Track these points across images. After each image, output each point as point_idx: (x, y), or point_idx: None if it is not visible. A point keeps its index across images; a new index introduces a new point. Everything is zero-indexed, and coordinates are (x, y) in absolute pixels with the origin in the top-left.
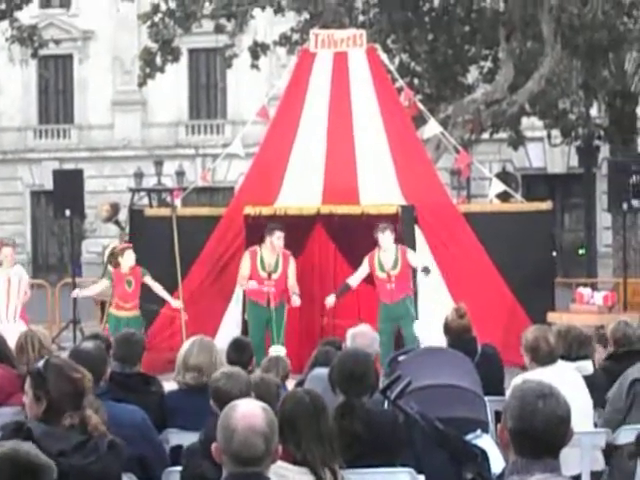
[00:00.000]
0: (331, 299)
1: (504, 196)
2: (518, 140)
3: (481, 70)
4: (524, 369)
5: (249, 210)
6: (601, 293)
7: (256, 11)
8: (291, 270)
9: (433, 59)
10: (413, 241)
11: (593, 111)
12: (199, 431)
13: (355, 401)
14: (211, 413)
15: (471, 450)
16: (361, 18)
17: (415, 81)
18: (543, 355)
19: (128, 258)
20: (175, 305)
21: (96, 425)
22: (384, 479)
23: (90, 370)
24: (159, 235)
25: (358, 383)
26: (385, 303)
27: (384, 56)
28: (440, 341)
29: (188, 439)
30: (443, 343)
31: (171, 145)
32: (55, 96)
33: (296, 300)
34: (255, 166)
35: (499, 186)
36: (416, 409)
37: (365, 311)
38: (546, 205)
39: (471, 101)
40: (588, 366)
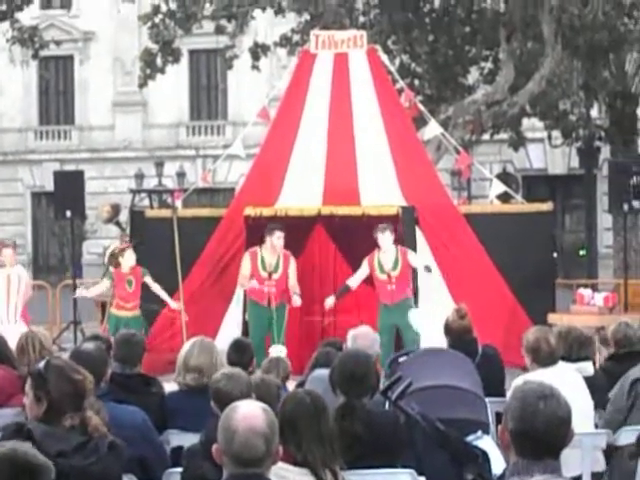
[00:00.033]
0: (330, 300)
1: (505, 197)
2: (519, 141)
3: (482, 71)
4: (525, 370)
5: (250, 211)
6: (602, 294)
7: (256, 12)
8: (292, 270)
9: (434, 60)
10: (414, 242)
11: (594, 112)
12: (199, 432)
13: (356, 402)
14: (212, 414)
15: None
16: (362, 19)
17: (416, 82)
18: (544, 356)
19: (128, 258)
20: (174, 306)
21: (96, 426)
22: None
23: (91, 371)
24: (160, 236)
25: (359, 384)
26: (385, 304)
27: (384, 57)
28: (441, 342)
29: (189, 440)
30: (444, 344)
31: (172, 146)
32: (56, 97)
33: (297, 300)
34: (256, 167)
35: (500, 187)
36: (417, 410)
37: (365, 312)
38: (547, 206)
39: (472, 102)
40: (589, 367)
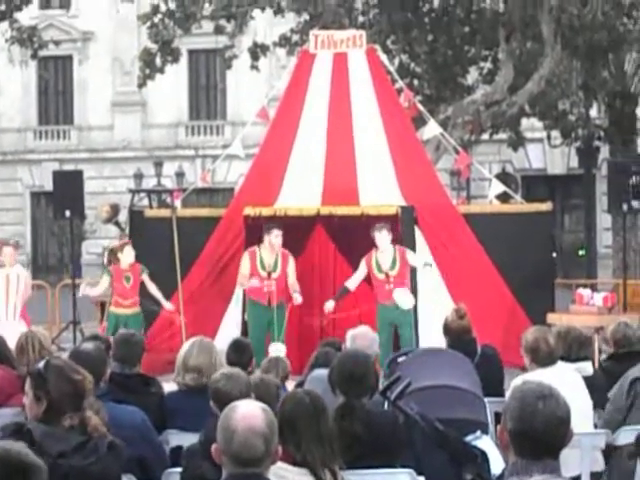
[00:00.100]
0: (330, 304)
1: (504, 197)
2: (518, 141)
3: (481, 71)
4: (524, 370)
5: (249, 211)
6: (601, 294)
7: (256, 12)
8: (290, 269)
9: (433, 60)
10: (413, 242)
11: (593, 112)
12: (199, 432)
13: (355, 402)
14: (211, 414)
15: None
16: (361, 19)
17: (415, 82)
18: (543, 356)
19: (127, 254)
20: (168, 307)
21: (96, 426)
22: None
23: (90, 371)
24: (159, 236)
25: (358, 384)
26: (383, 304)
27: (384, 57)
28: (440, 342)
29: (188, 440)
30: (443, 344)
31: (171, 146)
32: (55, 97)
33: (297, 298)
34: (255, 167)
35: (499, 187)
36: (416, 410)
37: (364, 312)
38: (546, 206)
39: (471, 102)
40: (588, 367)
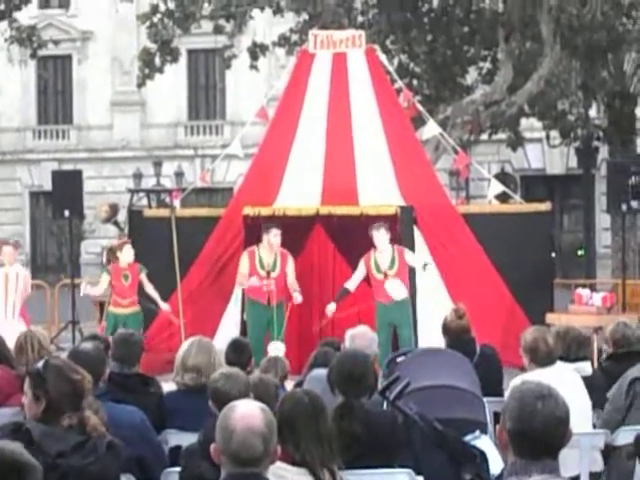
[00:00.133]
0: (332, 307)
1: (503, 197)
2: (517, 141)
3: (480, 71)
4: (523, 370)
5: (248, 211)
6: (600, 294)
7: (255, 12)
8: (290, 268)
9: (432, 60)
10: (412, 242)
11: (592, 112)
12: (198, 432)
13: (354, 402)
14: (210, 414)
15: (470, 451)
16: (360, 19)
17: (414, 82)
18: (542, 356)
19: (127, 253)
20: (164, 308)
21: (95, 426)
22: None
23: (89, 371)
24: (158, 236)
25: (357, 384)
26: (382, 304)
27: (383, 57)
28: (439, 342)
29: (187, 440)
30: (442, 344)
31: (170, 146)
32: (54, 97)
33: (298, 297)
34: (254, 167)
35: (498, 187)
36: (415, 410)
37: (363, 311)
38: (545, 206)
39: (470, 102)
40: (587, 367)
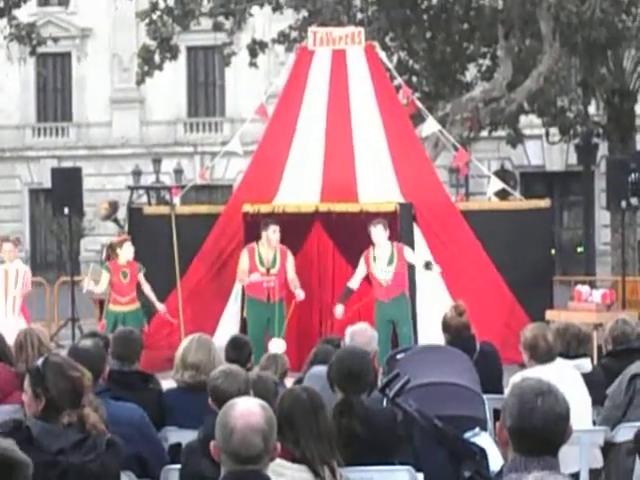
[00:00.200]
0: (340, 309)
1: (503, 194)
2: (517, 138)
3: (480, 68)
4: (523, 367)
5: (248, 208)
6: (599, 291)
7: (254, 9)
8: (289, 264)
9: (431, 57)
10: (411, 239)
11: (591, 109)
12: (197, 429)
13: (353, 399)
14: (210, 411)
15: (470, 448)
16: (359, 16)
17: (413, 79)
18: (542, 353)
19: (127, 250)
20: (160, 308)
21: (94, 423)
22: (383, 477)
23: (89, 368)
24: (158, 233)
25: (356, 381)
26: (381, 301)
27: (382, 54)
28: (438, 339)
29: (187, 437)
30: (442, 341)
31: (169, 143)
32: (53, 94)
33: (300, 294)
34: (254, 164)
35: (497, 184)
36: (415, 407)
37: (363, 308)
38: (545, 203)
39: (469, 99)
40: (586, 364)
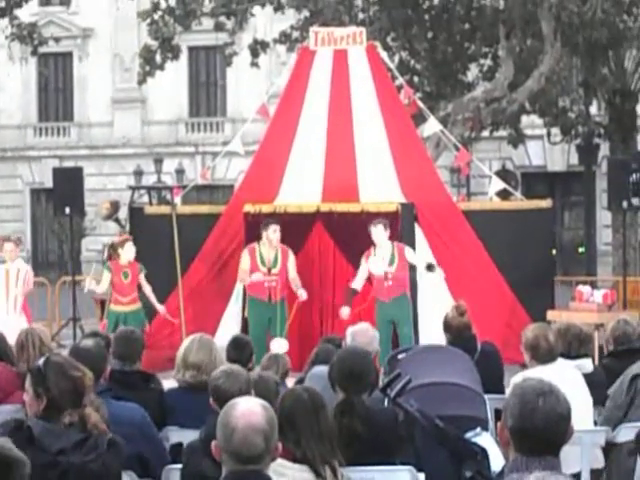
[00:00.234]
0: (346, 310)
1: (504, 194)
2: (518, 138)
3: (481, 68)
4: (524, 367)
5: (249, 208)
6: (601, 291)
7: (256, 9)
8: (291, 264)
9: (433, 57)
10: (413, 239)
11: (593, 109)
12: (198, 429)
13: (355, 399)
14: (211, 411)
15: (471, 448)
16: (361, 16)
17: (415, 79)
18: (543, 353)
19: (128, 250)
20: (160, 310)
21: (95, 423)
22: (384, 477)
23: (90, 368)
24: (159, 233)
25: (357, 381)
26: (382, 301)
27: (384, 54)
28: (440, 339)
29: (188, 437)
30: (443, 341)
31: (171, 143)
32: (55, 94)
33: (302, 294)
34: (255, 164)
35: (499, 184)
36: (416, 407)
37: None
38: (546, 203)
39: (471, 99)
40: (588, 364)
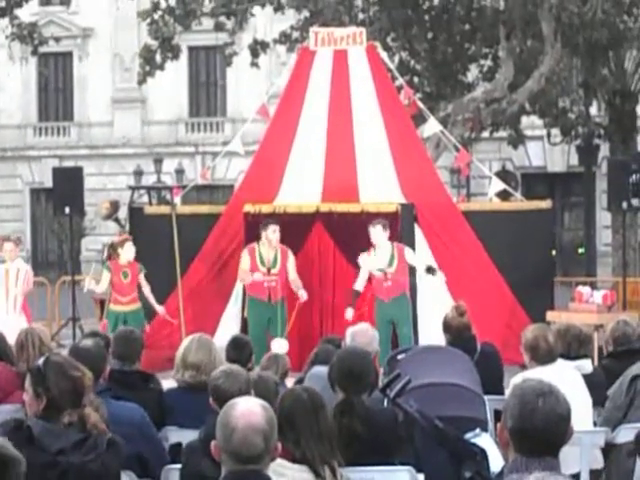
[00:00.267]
0: (350, 312)
1: (504, 195)
2: (518, 139)
3: (481, 68)
4: (524, 368)
5: (249, 208)
6: (600, 292)
7: (256, 9)
8: (290, 264)
9: (433, 57)
10: (412, 239)
11: (593, 110)
12: (198, 429)
13: (354, 399)
14: (211, 411)
15: (470, 449)
16: (361, 16)
17: (415, 79)
18: (542, 354)
19: (128, 250)
20: (159, 310)
21: (95, 423)
22: (383, 477)
23: (89, 368)
24: (159, 233)
25: (357, 381)
26: (382, 301)
27: (384, 54)
28: (439, 339)
29: (187, 437)
30: (442, 341)
31: (171, 143)
32: (55, 94)
33: (303, 295)
34: (255, 164)
35: (499, 185)
36: (415, 407)
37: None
38: (546, 204)
39: (471, 100)
40: (587, 365)
